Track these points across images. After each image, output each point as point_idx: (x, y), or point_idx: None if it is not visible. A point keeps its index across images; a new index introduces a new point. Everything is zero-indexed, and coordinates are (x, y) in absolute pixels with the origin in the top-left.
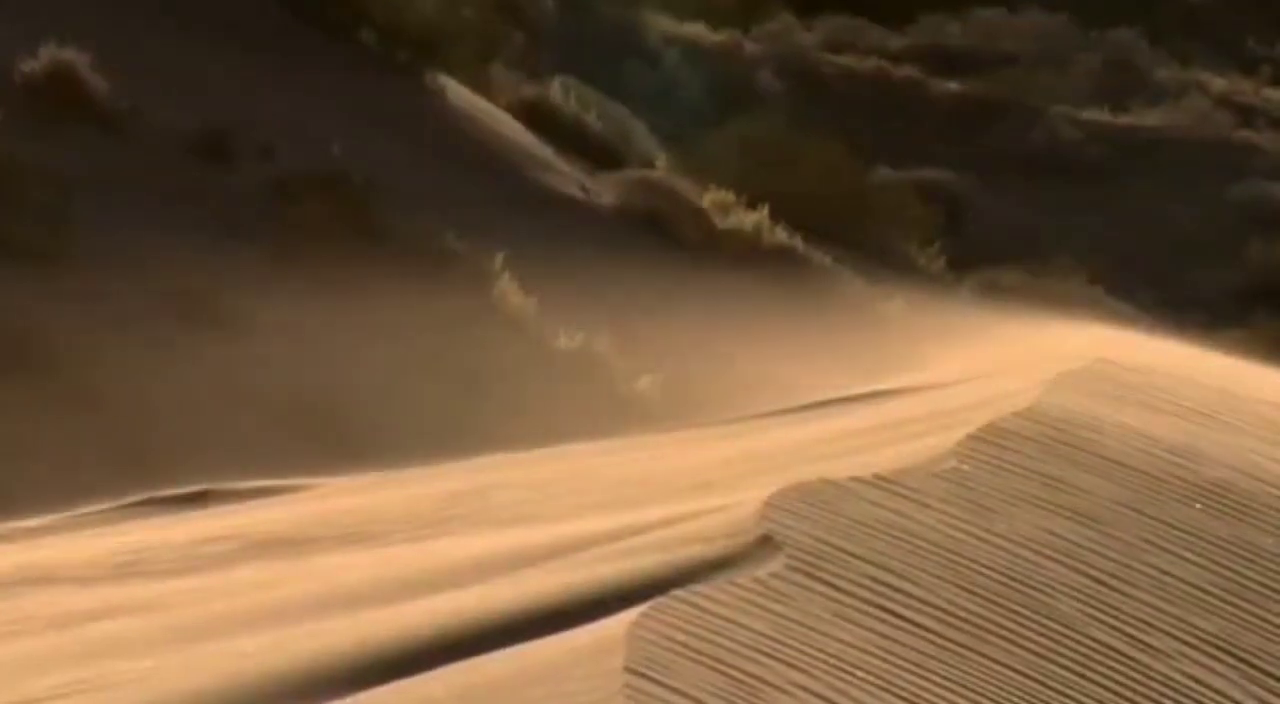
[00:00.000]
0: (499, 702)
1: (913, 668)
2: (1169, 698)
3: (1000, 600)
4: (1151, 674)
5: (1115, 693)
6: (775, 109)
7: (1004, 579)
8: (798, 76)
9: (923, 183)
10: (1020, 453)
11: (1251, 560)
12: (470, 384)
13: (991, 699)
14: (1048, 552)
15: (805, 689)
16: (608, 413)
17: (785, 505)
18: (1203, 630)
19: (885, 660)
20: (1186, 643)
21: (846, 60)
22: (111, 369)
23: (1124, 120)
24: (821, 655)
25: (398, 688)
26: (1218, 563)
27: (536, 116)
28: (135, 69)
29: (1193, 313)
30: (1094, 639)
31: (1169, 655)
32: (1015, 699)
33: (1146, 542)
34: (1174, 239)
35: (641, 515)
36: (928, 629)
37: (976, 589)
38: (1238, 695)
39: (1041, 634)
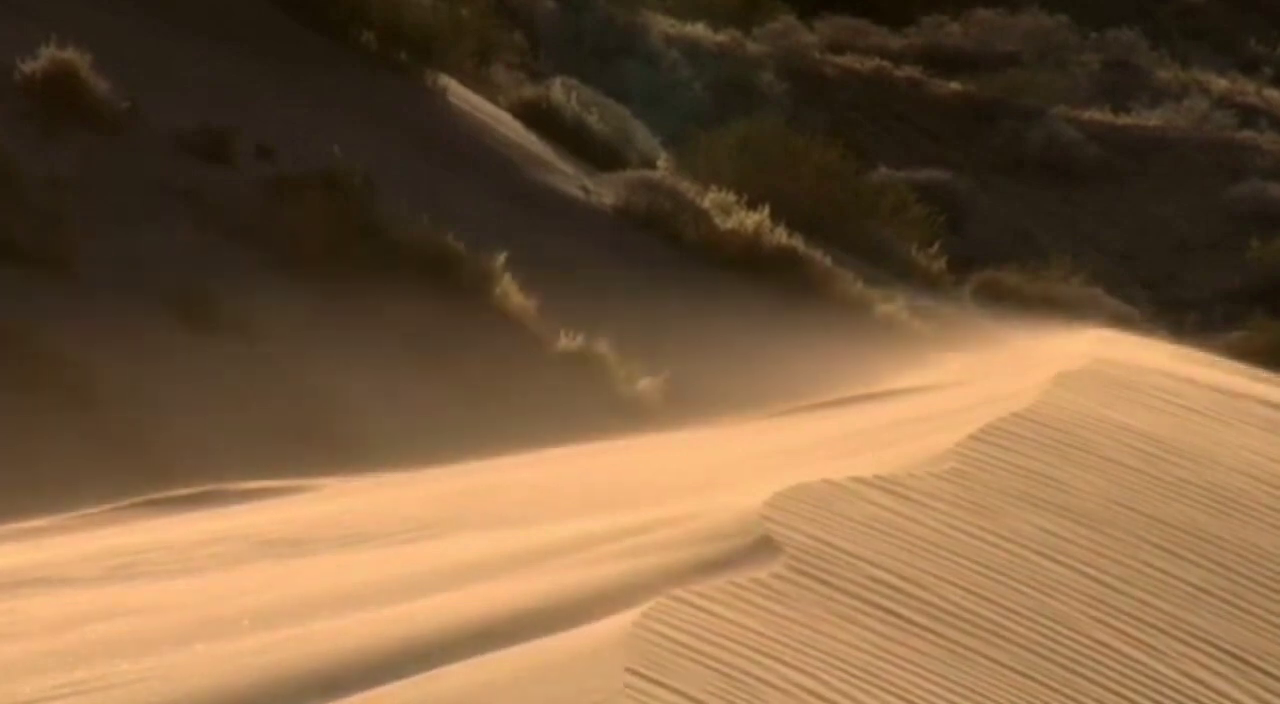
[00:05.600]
0: (502, 700)
1: (913, 667)
2: (1168, 698)
3: (1000, 600)
4: (1151, 674)
5: (1115, 692)
6: (776, 109)
7: (1004, 579)
8: (799, 77)
9: (923, 183)
10: (1020, 453)
11: (1251, 560)
12: (470, 385)
13: (991, 698)
14: (1048, 552)
15: (805, 689)
16: (608, 413)
17: (785, 506)
18: (1202, 630)
19: (885, 660)
20: (1186, 643)
21: (847, 60)
22: (111, 369)
23: (1124, 120)
24: (821, 655)
25: (401, 687)
26: (1217, 563)
27: (537, 117)
28: (135, 69)
29: (1192, 313)
30: (1094, 639)
31: (1169, 655)
32: (1015, 698)
33: (1146, 542)
34: (1174, 239)
35: (642, 515)
36: (928, 629)
37: (976, 589)
38: (1237, 695)
39: (1041, 634)
